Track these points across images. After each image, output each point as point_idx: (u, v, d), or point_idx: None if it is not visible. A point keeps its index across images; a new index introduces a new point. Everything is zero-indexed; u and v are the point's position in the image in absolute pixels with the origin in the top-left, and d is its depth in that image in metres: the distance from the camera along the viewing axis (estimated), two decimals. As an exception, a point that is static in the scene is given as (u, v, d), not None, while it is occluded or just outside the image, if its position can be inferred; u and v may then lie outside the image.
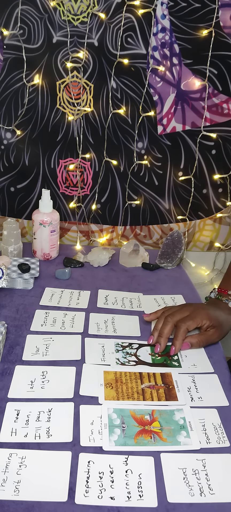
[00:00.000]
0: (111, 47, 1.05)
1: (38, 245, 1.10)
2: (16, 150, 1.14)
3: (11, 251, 1.05)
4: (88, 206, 1.20)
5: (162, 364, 0.77)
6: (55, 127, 1.12)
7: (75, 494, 0.53)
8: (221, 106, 1.09)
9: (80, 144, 1.13)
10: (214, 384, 0.73)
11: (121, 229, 1.23)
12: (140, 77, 1.07)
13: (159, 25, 1.03)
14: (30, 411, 0.64)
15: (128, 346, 0.80)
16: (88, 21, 1.02)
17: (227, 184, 1.17)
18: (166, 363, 0.77)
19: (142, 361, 0.77)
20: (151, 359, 0.78)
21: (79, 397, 0.68)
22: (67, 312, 0.90)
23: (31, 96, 1.08)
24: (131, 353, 0.79)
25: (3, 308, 0.89)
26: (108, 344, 0.81)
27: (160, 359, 0.78)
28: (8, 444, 0.59)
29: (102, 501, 0.53)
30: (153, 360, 0.78)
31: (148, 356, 0.78)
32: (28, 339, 0.81)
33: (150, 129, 1.12)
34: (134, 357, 0.78)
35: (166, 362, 0.77)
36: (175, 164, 1.16)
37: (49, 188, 1.16)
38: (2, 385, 0.69)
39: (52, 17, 1.02)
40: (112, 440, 0.61)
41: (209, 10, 1.01)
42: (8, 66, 1.06)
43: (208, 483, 0.56)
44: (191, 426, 0.64)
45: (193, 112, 1.10)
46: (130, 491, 0.54)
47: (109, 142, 1.13)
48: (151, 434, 0.62)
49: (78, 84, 1.08)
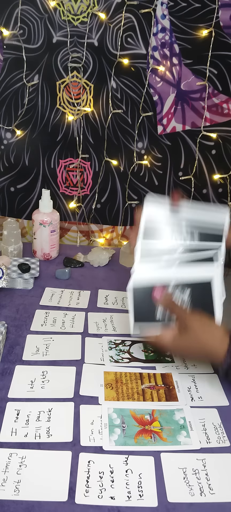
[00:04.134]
0: (111, 47, 1.05)
1: (38, 245, 1.10)
2: (16, 150, 1.14)
3: (11, 251, 1.05)
4: (88, 206, 1.20)
5: (155, 360, 0.77)
6: (55, 127, 1.12)
7: (76, 494, 0.53)
8: (221, 106, 1.09)
9: (80, 144, 1.13)
10: (214, 384, 0.73)
11: (120, 229, 1.23)
12: (140, 77, 1.07)
13: (159, 25, 1.03)
14: (30, 411, 0.64)
15: (120, 344, 0.81)
16: (88, 21, 1.02)
17: (227, 184, 1.17)
18: (159, 359, 0.77)
19: (135, 358, 0.77)
20: (144, 356, 0.78)
21: (79, 397, 0.68)
22: (67, 312, 0.90)
23: (31, 96, 1.08)
24: (124, 350, 0.79)
25: (3, 308, 0.89)
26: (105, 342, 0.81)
27: (152, 355, 0.78)
28: (8, 444, 0.59)
29: (103, 500, 0.53)
30: (146, 357, 0.78)
31: (141, 353, 0.79)
32: (28, 339, 0.81)
33: (150, 129, 1.12)
34: (127, 354, 0.78)
35: (158, 358, 0.78)
36: (175, 164, 1.16)
37: (49, 188, 1.16)
38: (2, 385, 0.69)
39: (52, 17, 1.02)
40: (113, 440, 0.61)
41: (209, 10, 1.01)
42: (8, 66, 1.06)
43: (208, 483, 0.56)
44: (191, 426, 0.64)
45: (193, 112, 1.10)
46: (130, 491, 0.54)
47: (109, 142, 1.13)
48: (151, 434, 0.62)
49: (78, 84, 1.08)
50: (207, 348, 0.68)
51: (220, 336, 0.68)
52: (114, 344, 0.81)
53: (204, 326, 0.69)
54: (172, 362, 0.77)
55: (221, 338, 0.67)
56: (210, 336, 0.68)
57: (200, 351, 0.69)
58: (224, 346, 0.66)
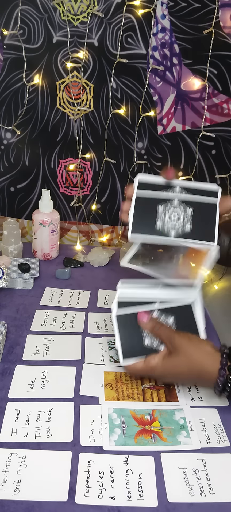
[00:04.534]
0: (111, 47, 1.05)
1: (38, 245, 1.10)
2: (16, 150, 1.14)
3: (11, 251, 1.05)
4: (88, 206, 1.20)
5: None
6: (55, 127, 1.12)
7: (76, 494, 0.53)
8: (221, 106, 1.09)
9: (80, 144, 1.13)
10: (214, 384, 0.73)
11: (120, 229, 1.23)
12: (140, 77, 1.07)
13: (159, 25, 1.03)
14: (31, 411, 0.64)
15: None
16: (88, 21, 1.02)
17: (227, 184, 1.17)
18: None
19: None
20: None
21: (80, 397, 0.68)
22: (67, 312, 0.90)
23: (31, 96, 1.08)
24: None
25: (3, 308, 0.89)
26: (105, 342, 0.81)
27: None
28: (8, 444, 0.59)
29: (103, 500, 0.53)
30: None
31: None
32: (28, 339, 0.81)
33: (150, 129, 1.12)
34: None
35: None
36: (175, 164, 1.16)
37: (49, 188, 1.16)
38: (2, 385, 0.69)
39: (52, 17, 1.02)
40: (113, 440, 0.61)
41: (209, 10, 1.01)
42: (8, 66, 1.06)
43: (208, 483, 0.56)
44: (191, 426, 0.64)
45: (193, 112, 1.10)
46: (130, 491, 0.54)
47: (109, 142, 1.13)
48: (151, 434, 0.62)
49: (78, 84, 1.08)
50: (198, 367, 0.65)
51: (212, 353, 0.65)
52: (115, 344, 0.81)
53: (194, 344, 0.66)
54: None
55: (213, 355, 0.65)
56: (201, 354, 0.65)
57: (191, 371, 0.65)
58: (216, 364, 0.64)
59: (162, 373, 0.67)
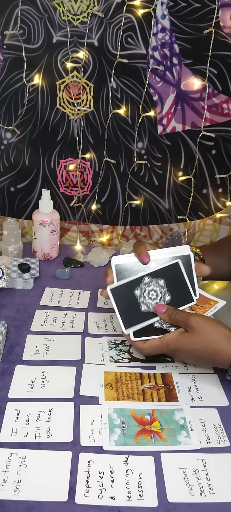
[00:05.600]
0: (111, 47, 1.05)
1: (38, 245, 1.10)
2: (16, 150, 1.14)
3: (11, 251, 1.05)
4: (88, 206, 1.20)
5: (155, 360, 0.77)
6: (55, 127, 1.12)
7: (76, 494, 0.53)
8: (221, 106, 1.09)
9: (80, 144, 1.13)
10: (214, 384, 0.73)
11: (120, 229, 1.23)
12: (140, 77, 1.07)
13: (159, 25, 1.03)
14: (31, 411, 0.65)
15: (120, 344, 0.81)
16: (88, 21, 1.02)
17: (227, 184, 1.17)
18: (159, 359, 0.77)
19: (135, 358, 0.77)
20: (144, 356, 0.78)
21: (80, 397, 0.68)
22: (67, 312, 0.90)
23: (31, 96, 1.08)
24: (124, 350, 0.79)
25: (3, 308, 0.89)
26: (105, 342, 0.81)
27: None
28: (8, 444, 0.59)
29: (103, 500, 0.53)
30: (146, 357, 0.78)
31: None
32: (28, 339, 0.81)
33: (150, 129, 1.12)
34: (127, 354, 0.78)
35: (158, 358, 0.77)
36: (175, 164, 1.16)
37: (49, 188, 1.16)
38: (2, 385, 0.69)
39: (52, 17, 1.02)
40: (113, 440, 0.61)
41: (209, 10, 1.01)
42: (8, 66, 1.06)
43: (208, 483, 0.56)
44: (191, 426, 0.64)
45: (193, 112, 1.10)
46: (130, 491, 0.54)
47: (109, 142, 1.13)
48: (151, 434, 0.62)
49: (78, 84, 1.08)
50: (213, 345, 0.67)
51: (228, 335, 0.67)
52: (115, 344, 0.81)
53: (210, 324, 0.68)
54: (172, 362, 0.77)
55: (229, 337, 0.67)
56: (217, 334, 0.67)
57: (207, 350, 0.67)
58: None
59: (177, 347, 0.69)
